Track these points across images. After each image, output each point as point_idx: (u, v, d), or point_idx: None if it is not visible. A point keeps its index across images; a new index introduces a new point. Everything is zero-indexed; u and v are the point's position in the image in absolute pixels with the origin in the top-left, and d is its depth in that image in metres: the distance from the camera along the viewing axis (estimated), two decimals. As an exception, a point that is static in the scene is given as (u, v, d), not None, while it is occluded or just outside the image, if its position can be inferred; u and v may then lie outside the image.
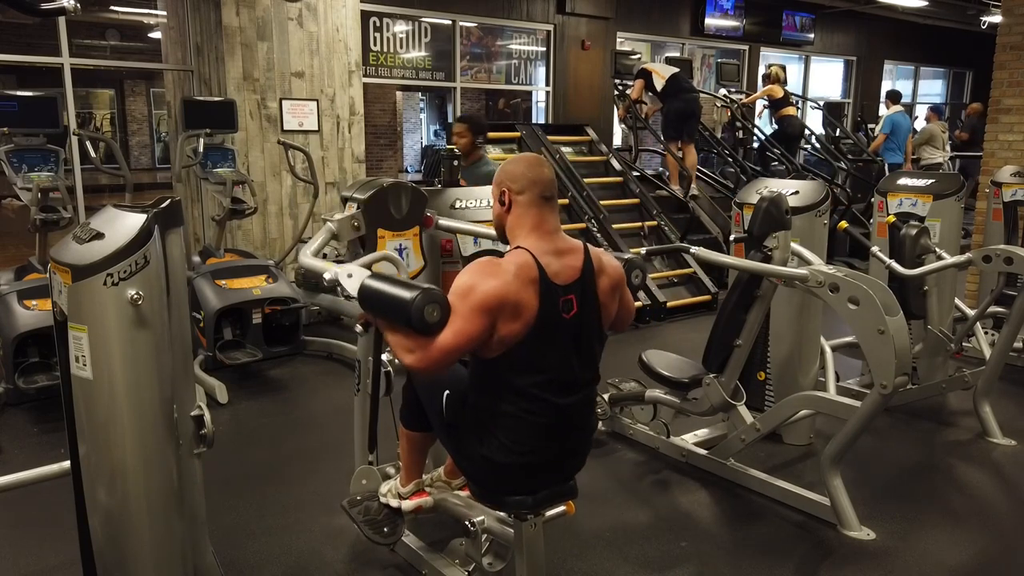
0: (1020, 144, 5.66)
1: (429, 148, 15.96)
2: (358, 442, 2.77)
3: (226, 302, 4.64)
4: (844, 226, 4.55)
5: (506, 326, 1.91)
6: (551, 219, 2.05)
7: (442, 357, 1.88)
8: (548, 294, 1.94)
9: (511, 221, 2.06)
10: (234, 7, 5.81)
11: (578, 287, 2.00)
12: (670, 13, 10.48)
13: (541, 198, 2.04)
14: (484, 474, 2.12)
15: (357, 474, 2.69)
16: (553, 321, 1.96)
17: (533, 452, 2.04)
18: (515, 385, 1.98)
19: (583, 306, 2.01)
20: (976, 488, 3.50)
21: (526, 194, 2.04)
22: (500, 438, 2.02)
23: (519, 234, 2.03)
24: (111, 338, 1.86)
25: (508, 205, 2.06)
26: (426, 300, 1.84)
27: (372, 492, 2.62)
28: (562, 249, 2.02)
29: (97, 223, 1.92)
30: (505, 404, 2.00)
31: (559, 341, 1.99)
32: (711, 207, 7.72)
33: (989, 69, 5.82)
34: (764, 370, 3.73)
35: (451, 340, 1.86)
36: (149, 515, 1.99)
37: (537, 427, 2.02)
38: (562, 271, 1.99)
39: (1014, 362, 4.85)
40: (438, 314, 1.85)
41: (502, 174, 2.09)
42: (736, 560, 2.81)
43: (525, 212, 2.04)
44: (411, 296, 1.84)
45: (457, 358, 1.94)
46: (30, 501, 2.98)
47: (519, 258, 1.95)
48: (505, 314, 1.89)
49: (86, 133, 7.91)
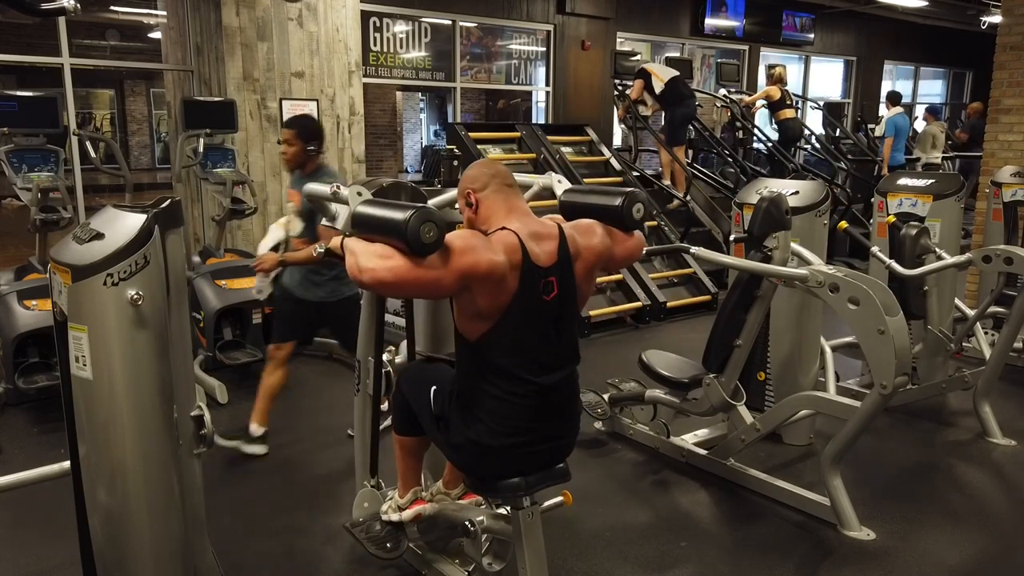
0: (1020, 144, 5.66)
1: (429, 148, 15.96)
2: (359, 460, 2.76)
3: (226, 302, 4.64)
4: (844, 226, 4.54)
5: (483, 298, 1.95)
6: (520, 202, 2.11)
7: (404, 282, 1.91)
8: (530, 276, 1.98)
9: (483, 214, 2.10)
10: (234, 7, 5.81)
11: (557, 270, 2.04)
12: (670, 13, 10.48)
13: (504, 185, 2.11)
14: (473, 459, 2.14)
15: (359, 497, 2.70)
16: (535, 302, 2.00)
17: (518, 433, 2.06)
18: (498, 366, 2.02)
19: (562, 288, 2.05)
20: (976, 488, 3.50)
21: (488, 187, 2.10)
22: (485, 421, 2.05)
23: (496, 220, 2.07)
24: (111, 338, 1.86)
25: (475, 205, 2.11)
26: (422, 219, 1.85)
27: (374, 514, 2.63)
28: (540, 233, 2.06)
29: (97, 223, 1.92)
30: (489, 385, 2.04)
31: (540, 322, 2.03)
32: (709, 207, 7.73)
33: (989, 69, 5.82)
34: (764, 370, 3.73)
35: (423, 273, 1.89)
36: (149, 515, 1.99)
37: (521, 408, 2.05)
38: (543, 253, 2.03)
39: (1014, 362, 4.85)
40: (434, 233, 1.87)
41: (462, 182, 2.16)
42: (736, 560, 2.81)
43: (493, 200, 2.09)
44: (408, 214, 1.86)
45: (413, 292, 2.02)
46: (30, 501, 2.98)
47: (506, 238, 1.98)
48: (487, 287, 1.93)
49: (86, 133, 7.92)
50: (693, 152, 8.82)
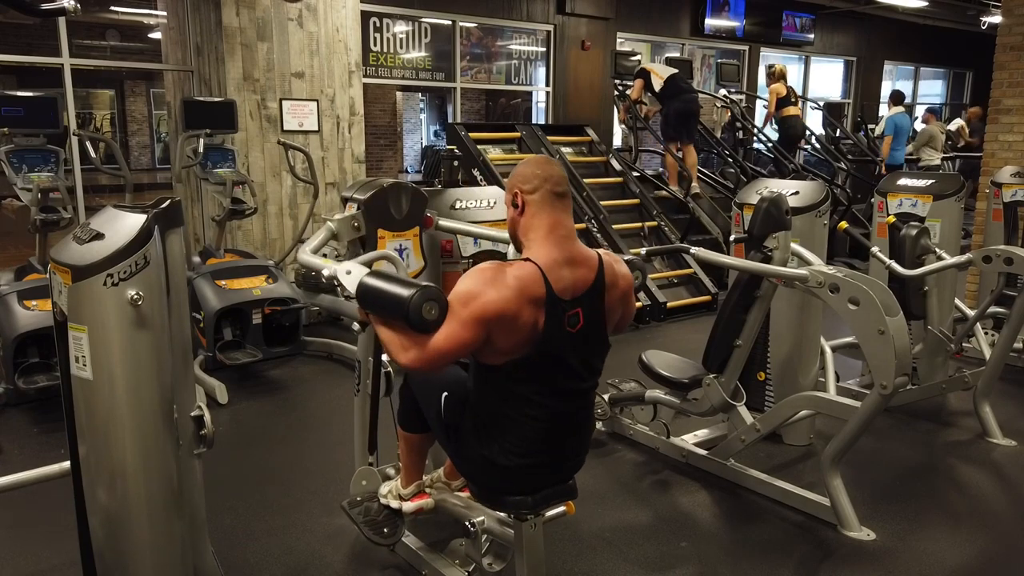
0: (1020, 144, 5.66)
1: (429, 148, 15.97)
2: (358, 443, 2.77)
3: (226, 302, 4.64)
4: (844, 226, 4.55)
5: (502, 339, 1.89)
6: (566, 221, 2.00)
7: (436, 358, 1.87)
8: (553, 311, 1.91)
9: (525, 223, 2.01)
10: (234, 7, 5.81)
11: (586, 299, 1.98)
12: (670, 13, 10.48)
13: (554, 195, 1.99)
14: (484, 475, 2.12)
15: (357, 475, 2.70)
16: (558, 337, 1.94)
17: (534, 454, 2.04)
18: (517, 392, 1.98)
19: (589, 318, 1.99)
20: (976, 488, 3.50)
21: (539, 192, 1.99)
22: (501, 441, 2.02)
23: (533, 239, 1.98)
24: (111, 338, 1.86)
25: (521, 207, 2.01)
26: (424, 297, 1.83)
27: (372, 493, 2.62)
28: (576, 259, 1.97)
29: (97, 223, 1.92)
30: (507, 408, 2.00)
31: (564, 354, 1.97)
32: (711, 207, 7.72)
33: (989, 69, 5.82)
34: (764, 370, 3.73)
35: (444, 344, 1.85)
36: (149, 515, 1.99)
37: (538, 431, 2.02)
38: (572, 284, 1.95)
39: (1014, 362, 4.85)
40: (436, 312, 1.85)
41: (513, 178, 2.04)
42: (736, 560, 2.81)
43: (539, 212, 1.98)
44: (409, 293, 1.84)
45: (450, 361, 1.92)
46: (30, 501, 2.98)
47: (525, 272, 1.89)
48: (502, 328, 1.87)
49: (86, 133, 7.92)
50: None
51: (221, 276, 4.75)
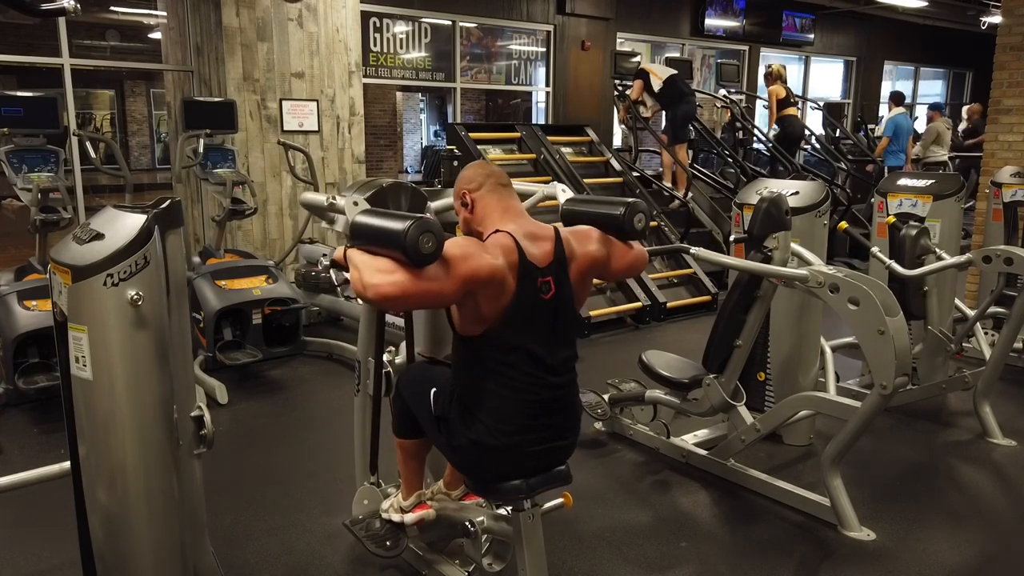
0: (1020, 144, 5.66)
1: (429, 149, 15.97)
2: (358, 456, 2.76)
3: (226, 303, 4.64)
4: (844, 226, 4.54)
5: (486, 302, 1.96)
6: (515, 203, 2.14)
7: (410, 294, 1.88)
8: (527, 276, 1.99)
9: (478, 216, 2.12)
10: (234, 7, 5.81)
11: (553, 269, 2.06)
12: (670, 13, 10.49)
13: (499, 185, 2.13)
14: (474, 460, 2.14)
15: (359, 494, 2.70)
16: (532, 302, 2.01)
17: (518, 432, 2.06)
18: (497, 363, 2.03)
19: (559, 288, 2.07)
20: (976, 488, 3.50)
21: (484, 187, 2.12)
22: (486, 421, 2.05)
23: (491, 221, 2.09)
24: (111, 338, 1.86)
25: (471, 205, 2.13)
26: (421, 229, 1.84)
27: (374, 512, 2.63)
28: (535, 233, 2.07)
29: (97, 224, 1.92)
30: (489, 383, 2.05)
31: (538, 322, 2.04)
32: (711, 207, 7.73)
33: (989, 69, 5.82)
34: (764, 370, 3.73)
35: (424, 284, 1.88)
36: (149, 515, 1.99)
37: (520, 405, 2.05)
38: (538, 254, 2.04)
39: (1014, 362, 4.85)
40: (432, 244, 1.86)
41: (457, 184, 2.18)
42: (736, 560, 2.81)
43: (488, 201, 2.11)
44: (406, 225, 1.85)
45: (415, 305, 2.01)
46: (30, 501, 2.98)
47: (502, 240, 2.00)
48: (489, 291, 1.95)
49: (86, 134, 7.91)
50: (693, 152, 8.82)
51: (221, 276, 4.75)
